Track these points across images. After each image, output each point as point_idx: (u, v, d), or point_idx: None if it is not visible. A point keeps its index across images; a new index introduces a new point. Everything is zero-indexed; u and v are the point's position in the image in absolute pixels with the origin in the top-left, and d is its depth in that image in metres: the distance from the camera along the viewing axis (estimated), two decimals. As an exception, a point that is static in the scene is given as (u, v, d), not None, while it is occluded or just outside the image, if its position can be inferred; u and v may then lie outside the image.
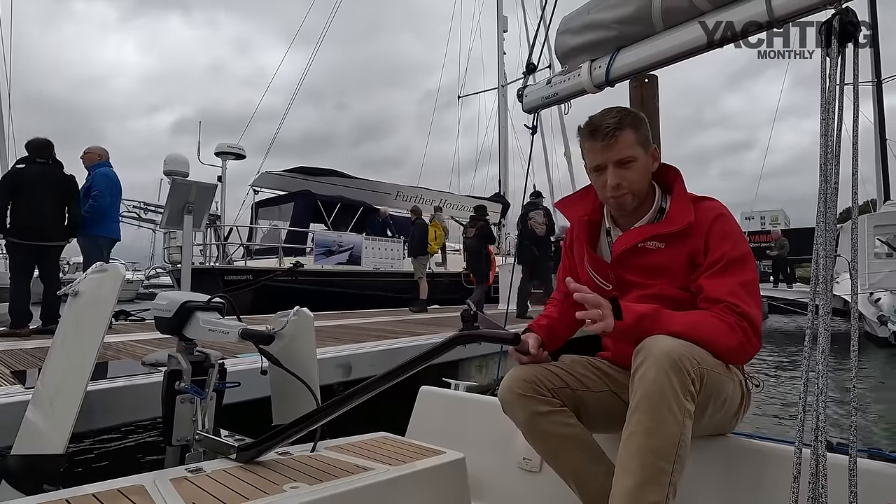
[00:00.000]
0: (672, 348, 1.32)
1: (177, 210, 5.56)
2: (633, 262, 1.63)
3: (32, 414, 1.93)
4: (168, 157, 11.88)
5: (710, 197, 1.62)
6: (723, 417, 1.53)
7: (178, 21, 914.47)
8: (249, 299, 9.42)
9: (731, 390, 1.49)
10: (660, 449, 1.28)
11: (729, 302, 1.45)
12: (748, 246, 1.55)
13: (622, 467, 1.32)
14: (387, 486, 1.42)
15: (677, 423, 1.29)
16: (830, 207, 1.29)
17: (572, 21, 2.58)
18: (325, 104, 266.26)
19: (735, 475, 1.56)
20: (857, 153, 1.34)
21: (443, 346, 1.33)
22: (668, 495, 1.27)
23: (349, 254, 12.36)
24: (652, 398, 1.29)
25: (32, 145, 5.58)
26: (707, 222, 1.54)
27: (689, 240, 1.55)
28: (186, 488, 1.31)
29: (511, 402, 1.60)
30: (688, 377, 1.30)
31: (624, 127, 1.55)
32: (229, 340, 1.72)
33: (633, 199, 1.61)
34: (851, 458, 1.20)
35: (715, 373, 1.40)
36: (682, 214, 1.57)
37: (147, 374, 3.05)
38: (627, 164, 1.57)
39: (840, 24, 1.31)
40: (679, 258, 1.56)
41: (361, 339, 5.29)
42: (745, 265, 1.50)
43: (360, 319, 7.81)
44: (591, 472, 1.55)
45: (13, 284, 5.44)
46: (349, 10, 66.98)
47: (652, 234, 1.59)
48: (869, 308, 11.39)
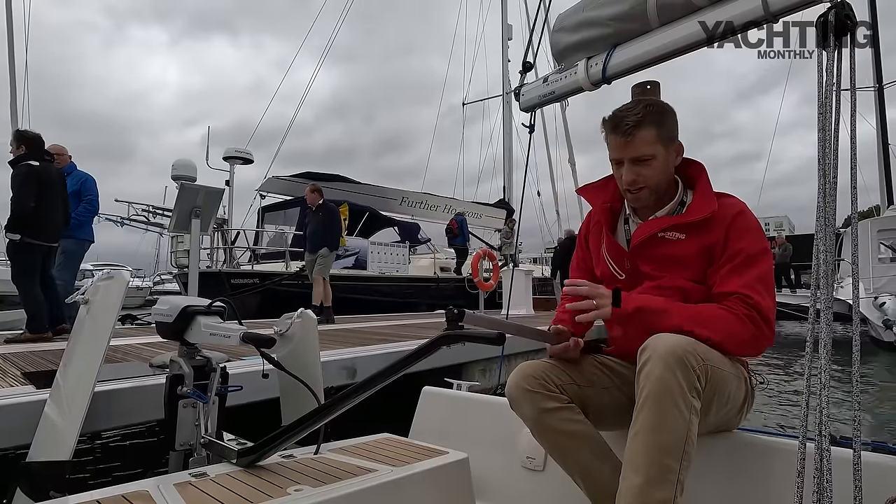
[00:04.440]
0: (677, 345, 1.33)
1: (185, 214, 5.59)
2: (651, 251, 1.63)
3: (47, 419, 1.96)
4: (176, 162, 11.95)
5: (731, 194, 1.63)
6: (727, 414, 1.53)
7: (224, 43, 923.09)
8: (256, 303, 9.46)
9: (735, 387, 1.49)
10: (667, 446, 1.28)
11: (742, 294, 1.46)
12: (767, 242, 1.56)
13: (630, 464, 1.32)
14: (391, 487, 1.43)
15: (684, 421, 1.29)
16: (830, 204, 1.28)
17: (568, 19, 2.57)
18: (352, 119, 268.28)
19: (739, 470, 1.56)
20: (855, 151, 1.34)
21: (427, 347, 1.32)
22: (675, 493, 1.28)
23: (355, 258, 12.37)
24: (658, 395, 1.30)
25: (40, 143, 5.33)
26: (729, 217, 1.55)
27: (710, 232, 1.55)
28: (190, 493, 1.32)
29: (519, 398, 1.60)
30: (693, 374, 1.31)
31: (645, 125, 1.55)
32: (231, 344, 1.73)
33: (650, 194, 1.62)
34: (855, 452, 1.20)
35: (720, 370, 1.40)
36: (705, 205, 1.57)
37: (151, 376, 3.05)
38: (645, 161, 1.57)
39: (836, 19, 1.31)
40: (697, 250, 1.57)
41: (367, 342, 5.29)
42: (762, 259, 1.51)
43: (365, 324, 7.82)
44: (598, 468, 1.55)
45: (30, 288, 5.18)
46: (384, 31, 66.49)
47: (673, 223, 1.60)
48: (873, 312, 11.20)
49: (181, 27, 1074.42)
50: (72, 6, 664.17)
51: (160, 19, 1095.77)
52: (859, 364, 1.25)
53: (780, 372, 8.59)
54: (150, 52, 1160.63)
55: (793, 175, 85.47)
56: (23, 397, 2.70)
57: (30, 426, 2.06)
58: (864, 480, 1.18)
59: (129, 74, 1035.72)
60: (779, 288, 18.72)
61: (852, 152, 1.34)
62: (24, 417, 2.17)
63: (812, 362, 1.23)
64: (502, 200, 19.15)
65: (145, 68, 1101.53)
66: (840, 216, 5.69)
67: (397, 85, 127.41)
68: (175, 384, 1.86)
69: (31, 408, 2.24)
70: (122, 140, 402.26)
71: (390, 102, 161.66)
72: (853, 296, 1.31)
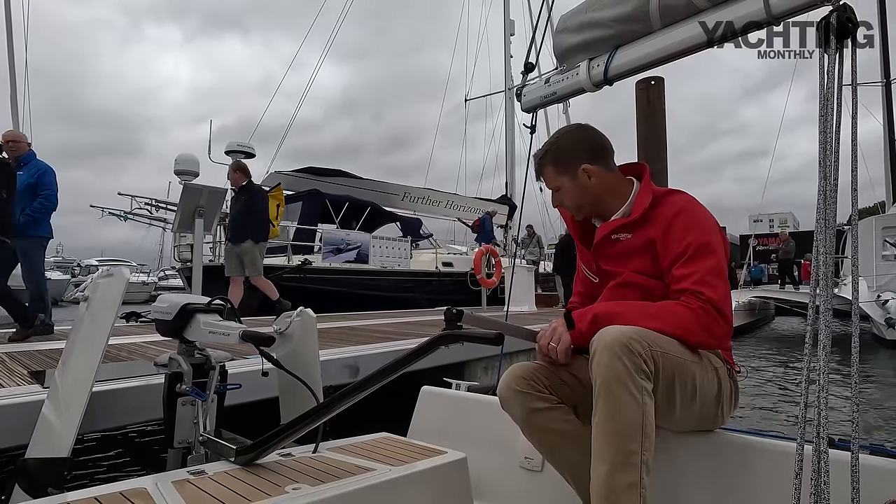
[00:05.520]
0: (621, 332, 1.39)
1: (188, 214, 5.56)
2: (607, 252, 1.76)
3: (45, 416, 1.97)
4: (179, 157, 11.93)
5: (678, 190, 1.74)
6: (703, 409, 1.55)
7: (235, 40, 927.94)
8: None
9: (702, 377, 1.51)
10: (625, 432, 1.34)
11: (693, 289, 1.51)
12: (715, 233, 1.61)
13: (595, 455, 1.38)
14: (389, 486, 1.43)
15: (637, 403, 1.35)
16: (830, 205, 1.28)
17: (570, 20, 2.58)
18: (362, 115, 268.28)
19: (733, 473, 1.56)
20: (855, 150, 1.34)
21: (426, 347, 1.33)
22: (641, 474, 1.33)
23: (357, 252, 12.38)
24: (609, 383, 1.36)
25: None
26: (670, 214, 1.62)
27: (649, 228, 1.65)
28: (188, 491, 1.32)
29: (509, 398, 1.66)
30: (639, 357, 1.36)
31: (544, 165, 1.79)
32: (230, 342, 1.73)
33: (578, 211, 1.81)
34: (853, 455, 1.20)
35: (672, 356, 1.45)
36: (638, 203, 1.69)
37: (152, 375, 3.06)
38: (557, 190, 1.79)
39: (838, 21, 1.31)
40: (642, 246, 1.66)
41: (370, 340, 5.29)
42: (709, 252, 1.56)
43: (367, 321, 7.82)
44: (588, 467, 1.56)
45: (4, 287, 5.09)
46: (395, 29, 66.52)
47: (620, 224, 1.71)
48: (876, 310, 11.21)
49: (195, 25, 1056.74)
50: (89, 5, 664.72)
51: (175, 17, 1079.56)
52: (858, 366, 1.25)
53: (780, 371, 8.58)
54: (163, 50, 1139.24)
55: (798, 172, 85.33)
56: (26, 396, 2.72)
57: (34, 424, 2.06)
58: (862, 484, 1.17)
59: (143, 72, 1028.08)
60: (782, 284, 18.70)
61: (853, 152, 1.34)
62: (31, 415, 2.17)
63: (811, 363, 1.23)
64: (505, 196, 19.16)
65: (158, 65, 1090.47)
66: (843, 214, 5.69)
67: (407, 82, 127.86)
68: (174, 382, 1.86)
69: (36, 406, 2.25)
70: (131, 137, 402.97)
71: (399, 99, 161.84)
72: (853, 297, 1.31)
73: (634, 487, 1.32)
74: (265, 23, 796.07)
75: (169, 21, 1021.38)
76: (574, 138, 1.80)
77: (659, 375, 1.40)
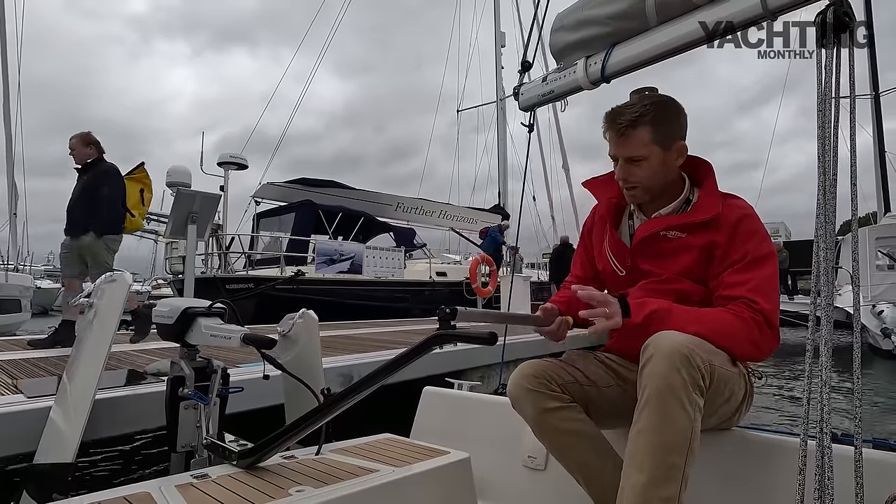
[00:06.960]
0: (682, 343, 1.32)
1: (181, 220, 5.54)
2: (651, 249, 1.64)
3: (52, 421, 1.96)
4: (171, 169, 11.92)
5: (739, 196, 1.62)
6: (727, 411, 1.53)
7: (243, 54, 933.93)
8: (252, 308, 9.43)
9: (736, 385, 1.48)
10: (671, 444, 1.27)
11: (747, 298, 1.45)
12: (773, 246, 1.55)
13: (632, 463, 1.31)
14: (392, 487, 1.42)
15: (688, 418, 1.28)
16: (829, 199, 1.29)
17: (567, 17, 2.58)
18: (363, 128, 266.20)
19: (740, 468, 1.56)
20: (854, 147, 1.35)
21: (419, 348, 1.30)
22: (680, 490, 1.27)
23: (350, 262, 12.35)
24: (662, 394, 1.29)
25: None
26: (734, 219, 1.54)
27: (712, 232, 1.55)
28: (192, 494, 1.31)
29: (520, 397, 1.60)
30: (698, 372, 1.30)
31: (640, 125, 1.54)
32: (231, 345, 1.72)
33: (643, 193, 1.63)
34: (856, 449, 1.20)
35: (723, 368, 1.40)
36: (709, 206, 1.57)
37: (152, 383, 3.04)
38: (637, 161, 1.57)
39: (835, 16, 1.32)
40: (699, 250, 1.56)
41: (365, 349, 5.26)
42: (767, 263, 1.50)
43: (362, 330, 7.79)
44: (599, 467, 1.55)
45: None
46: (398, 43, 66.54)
47: (675, 223, 1.60)
48: (872, 321, 11.07)
49: (204, 40, 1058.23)
50: (100, 19, 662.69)
51: (185, 33, 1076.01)
52: (860, 361, 1.26)
53: (780, 372, 8.59)
54: (171, 64, 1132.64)
55: (789, 183, 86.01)
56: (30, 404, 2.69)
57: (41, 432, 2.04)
58: (865, 477, 1.18)
59: (150, 85, 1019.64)
60: None
61: (852, 153, 1.35)
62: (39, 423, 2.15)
63: (813, 364, 1.24)
64: (497, 206, 19.23)
65: (166, 79, 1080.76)
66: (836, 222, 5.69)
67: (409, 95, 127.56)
68: (176, 386, 1.85)
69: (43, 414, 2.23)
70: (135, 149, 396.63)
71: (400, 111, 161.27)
72: (853, 294, 1.32)
73: (672, 502, 1.26)
74: (273, 37, 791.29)
75: (178, 36, 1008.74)
76: (677, 108, 1.61)
77: (709, 387, 1.34)
